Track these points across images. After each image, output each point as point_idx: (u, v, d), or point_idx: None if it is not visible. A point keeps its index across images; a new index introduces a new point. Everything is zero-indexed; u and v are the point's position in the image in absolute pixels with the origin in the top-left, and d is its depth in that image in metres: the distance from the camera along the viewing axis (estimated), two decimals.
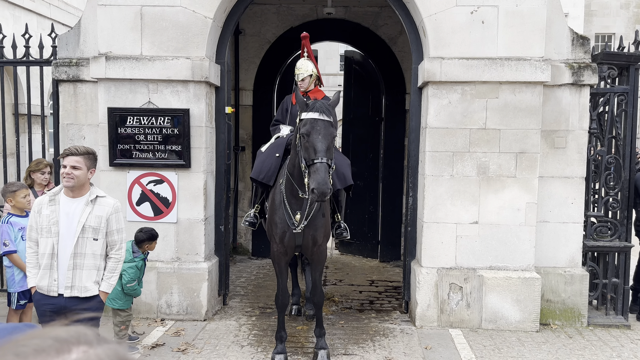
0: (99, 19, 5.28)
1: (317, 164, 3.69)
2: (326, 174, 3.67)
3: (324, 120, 3.81)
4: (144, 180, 5.36)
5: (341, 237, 4.93)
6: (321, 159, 3.69)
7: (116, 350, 0.53)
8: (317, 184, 3.63)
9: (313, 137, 3.77)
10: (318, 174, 3.65)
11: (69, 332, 0.53)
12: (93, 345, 0.52)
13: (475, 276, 5.23)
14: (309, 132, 3.79)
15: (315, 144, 3.75)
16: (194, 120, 5.29)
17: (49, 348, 0.51)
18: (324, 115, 3.83)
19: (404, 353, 4.66)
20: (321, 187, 3.61)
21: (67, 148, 3.34)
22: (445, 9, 5.10)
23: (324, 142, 3.76)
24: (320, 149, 3.73)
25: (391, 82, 7.99)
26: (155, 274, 5.36)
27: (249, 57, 8.11)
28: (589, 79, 5.28)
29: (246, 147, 8.21)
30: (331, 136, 3.83)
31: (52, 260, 3.30)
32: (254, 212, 5.04)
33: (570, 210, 5.41)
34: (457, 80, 5.12)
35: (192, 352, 4.59)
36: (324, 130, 3.79)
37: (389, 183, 8.03)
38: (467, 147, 5.19)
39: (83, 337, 0.53)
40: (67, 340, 0.52)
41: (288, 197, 4.25)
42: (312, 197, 3.75)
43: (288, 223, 4.27)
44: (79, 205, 3.31)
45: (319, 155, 3.71)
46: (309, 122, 3.83)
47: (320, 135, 3.77)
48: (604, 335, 5.16)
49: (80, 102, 5.57)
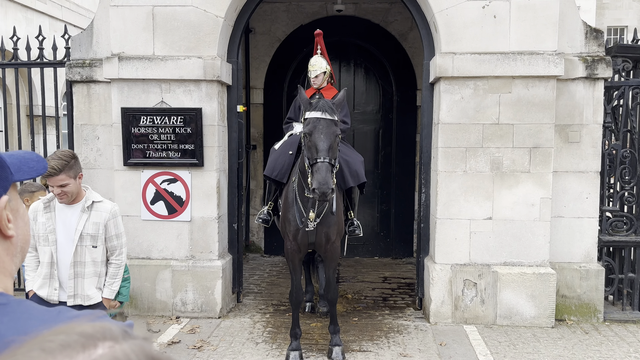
0: (111, 20, 5.32)
1: (318, 163, 3.70)
2: (327, 173, 3.67)
3: (326, 119, 3.81)
4: (158, 180, 5.40)
5: (354, 235, 4.93)
6: (322, 159, 3.70)
7: (142, 346, 0.53)
8: (317, 183, 3.63)
9: (315, 137, 3.77)
10: (319, 173, 3.66)
11: (95, 328, 0.54)
12: (119, 340, 0.53)
13: (490, 272, 5.21)
14: (311, 132, 3.80)
15: (317, 143, 3.75)
16: (206, 119, 5.32)
17: (74, 343, 0.51)
18: (326, 114, 3.83)
19: (419, 349, 4.65)
20: (322, 187, 3.61)
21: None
22: (457, 4, 5.08)
23: (326, 142, 3.76)
24: (322, 148, 3.73)
25: (402, 78, 7.96)
26: (170, 272, 5.41)
27: (260, 56, 8.12)
28: (602, 73, 5.23)
29: (257, 145, 8.24)
30: (334, 135, 3.82)
31: (52, 269, 3.23)
32: (267, 210, 5.06)
33: (585, 205, 5.36)
34: (469, 76, 5.09)
35: (208, 349, 4.62)
36: (326, 129, 3.79)
37: (401, 180, 8.01)
38: (480, 142, 5.16)
39: (109, 332, 0.53)
40: (93, 335, 0.52)
41: (300, 194, 4.26)
42: (313, 196, 3.76)
43: (301, 220, 4.28)
44: (75, 213, 3.23)
45: (320, 154, 3.72)
46: (311, 121, 3.84)
47: (322, 134, 3.77)
48: (620, 331, 5.12)
49: (94, 102, 5.63)
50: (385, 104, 8.14)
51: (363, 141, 8.28)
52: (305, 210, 4.23)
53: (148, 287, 5.43)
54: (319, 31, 5.25)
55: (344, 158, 4.57)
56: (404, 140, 7.98)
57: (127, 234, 5.45)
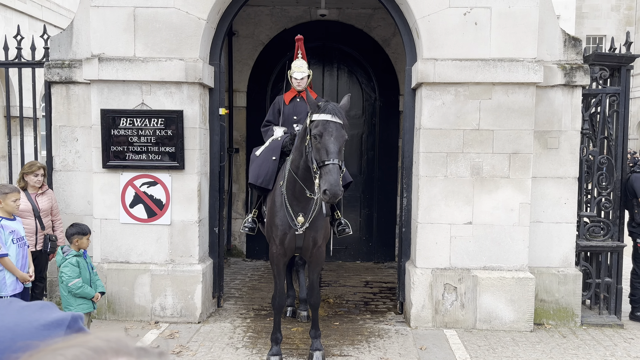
0: (92, 21, 5.26)
1: (329, 165, 3.70)
2: (338, 175, 3.69)
3: (336, 123, 3.84)
4: (138, 182, 5.34)
5: (344, 234, 4.93)
6: (333, 161, 3.70)
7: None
8: (329, 185, 3.63)
9: (325, 139, 3.78)
10: (330, 175, 3.66)
11: (109, 343, 0.52)
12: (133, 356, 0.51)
13: (470, 276, 5.25)
14: (321, 134, 3.80)
15: (328, 146, 3.76)
16: (187, 122, 5.28)
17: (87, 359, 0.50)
18: (336, 118, 3.85)
19: (399, 354, 4.66)
20: (333, 189, 3.61)
21: None
22: (439, 10, 5.12)
23: (336, 144, 3.78)
24: (333, 150, 3.74)
25: (385, 83, 8.01)
26: (149, 277, 5.34)
27: (243, 59, 8.10)
28: (581, 80, 5.32)
29: (240, 148, 8.20)
30: (343, 138, 3.85)
31: None
32: (252, 217, 5.02)
33: (564, 211, 5.44)
34: (450, 82, 5.14)
35: (187, 354, 4.57)
36: (336, 132, 3.82)
37: (383, 184, 8.04)
38: (460, 147, 5.21)
39: (123, 347, 0.52)
40: (106, 351, 0.51)
41: (289, 198, 4.24)
42: (323, 198, 3.74)
43: (290, 224, 4.25)
44: None
45: (331, 156, 3.72)
46: (321, 123, 3.84)
47: (333, 137, 3.78)
48: (597, 335, 5.19)
49: (73, 103, 5.55)
50: (368, 109, 8.17)
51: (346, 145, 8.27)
52: (295, 214, 4.21)
53: (126, 292, 5.35)
54: (300, 36, 5.28)
55: None
56: (387, 145, 8.02)
57: (106, 237, 5.39)
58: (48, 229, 4.97)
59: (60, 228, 5.06)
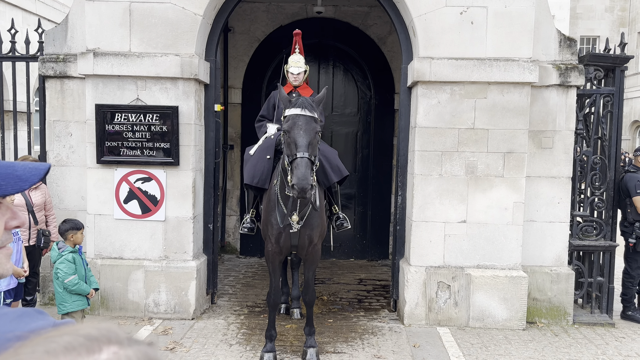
0: (87, 15, 5.22)
1: (297, 159, 3.65)
2: (307, 169, 3.61)
3: (305, 116, 3.79)
4: (132, 178, 5.32)
5: (342, 228, 4.92)
6: (302, 154, 3.65)
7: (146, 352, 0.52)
8: (297, 179, 3.57)
9: (294, 133, 3.74)
10: (298, 169, 3.61)
11: (100, 331, 0.52)
12: (124, 345, 0.51)
13: (463, 275, 5.27)
14: (290, 128, 3.77)
15: (296, 139, 3.71)
16: (182, 118, 5.26)
17: (79, 347, 0.50)
18: (306, 111, 3.80)
19: (393, 351, 4.67)
20: (301, 183, 3.55)
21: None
22: (435, 9, 5.13)
23: (305, 137, 3.72)
24: (301, 144, 3.69)
25: (380, 82, 8.01)
26: (142, 273, 5.32)
27: (238, 55, 8.08)
28: (575, 80, 5.35)
29: (235, 145, 8.18)
30: (314, 131, 3.79)
31: None
32: (250, 217, 4.98)
33: (557, 210, 5.47)
34: (446, 80, 5.15)
35: (180, 350, 4.56)
36: (306, 125, 3.76)
37: (378, 182, 8.06)
38: (455, 146, 5.22)
39: (114, 336, 0.52)
40: (98, 339, 0.51)
41: (282, 197, 4.21)
42: (293, 193, 3.71)
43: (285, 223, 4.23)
44: None
45: (300, 150, 3.67)
46: (290, 118, 3.81)
47: (302, 130, 3.73)
48: (589, 334, 5.23)
49: (68, 98, 5.51)
50: (363, 107, 8.18)
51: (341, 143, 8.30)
52: (287, 210, 4.17)
53: (120, 288, 5.33)
54: (298, 31, 5.24)
55: (323, 154, 4.53)
56: (382, 143, 8.03)
57: (100, 233, 5.37)
58: (41, 224, 4.95)
59: (53, 223, 5.03)
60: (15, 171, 0.86)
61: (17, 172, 0.86)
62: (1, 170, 0.85)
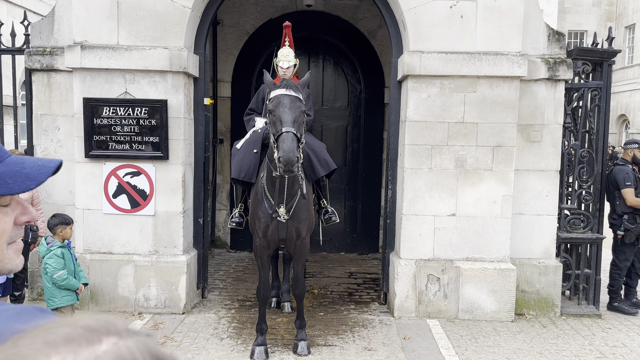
0: (74, 7, 5.16)
1: (283, 134, 3.64)
2: (293, 142, 3.59)
3: (290, 95, 3.81)
4: (121, 172, 5.28)
5: (330, 222, 4.92)
6: (287, 129, 3.65)
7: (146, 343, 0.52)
8: (283, 152, 3.55)
9: (279, 110, 3.76)
10: (284, 142, 3.60)
11: (99, 322, 0.52)
12: (123, 336, 0.51)
13: (453, 267, 5.31)
14: (275, 107, 3.79)
15: (282, 116, 3.73)
16: (172, 112, 5.22)
17: (79, 337, 0.50)
18: (290, 91, 3.83)
19: (383, 343, 4.71)
20: (287, 155, 3.53)
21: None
22: (425, 3, 5.13)
23: (290, 114, 3.73)
24: (286, 120, 3.70)
25: (370, 76, 8.01)
26: (132, 267, 5.30)
27: (228, 49, 8.03)
28: (564, 74, 5.39)
29: (224, 139, 8.15)
30: (299, 110, 3.81)
31: None
32: (239, 212, 4.97)
33: (545, 203, 5.53)
34: (436, 74, 5.16)
35: (171, 345, 4.56)
36: (291, 104, 3.78)
37: (368, 176, 8.07)
38: (445, 140, 5.25)
39: (113, 327, 0.52)
40: (98, 330, 0.51)
41: (269, 188, 4.21)
42: (279, 167, 3.67)
43: (272, 215, 4.22)
44: None
45: (285, 125, 3.67)
46: (275, 98, 3.84)
47: (287, 108, 3.76)
48: (576, 325, 5.30)
49: (55, 92, 5.45)
50: (353, 101, 8.18)
51: (331, 137, 8.30)
52: (274, 201, 4.16)
53: (109, 283, 5.30)
54: (288, 23, 5.21)
55: (311, 148, 4.52)
56: (372, 137, 8.04)
57: (88, 227, 5.33)
58: None
59: (41, 218, 4.99)
60: (23, 169, 0.83)
61: (25, 170, 0.83)
62: (10, 167, 0.82)
